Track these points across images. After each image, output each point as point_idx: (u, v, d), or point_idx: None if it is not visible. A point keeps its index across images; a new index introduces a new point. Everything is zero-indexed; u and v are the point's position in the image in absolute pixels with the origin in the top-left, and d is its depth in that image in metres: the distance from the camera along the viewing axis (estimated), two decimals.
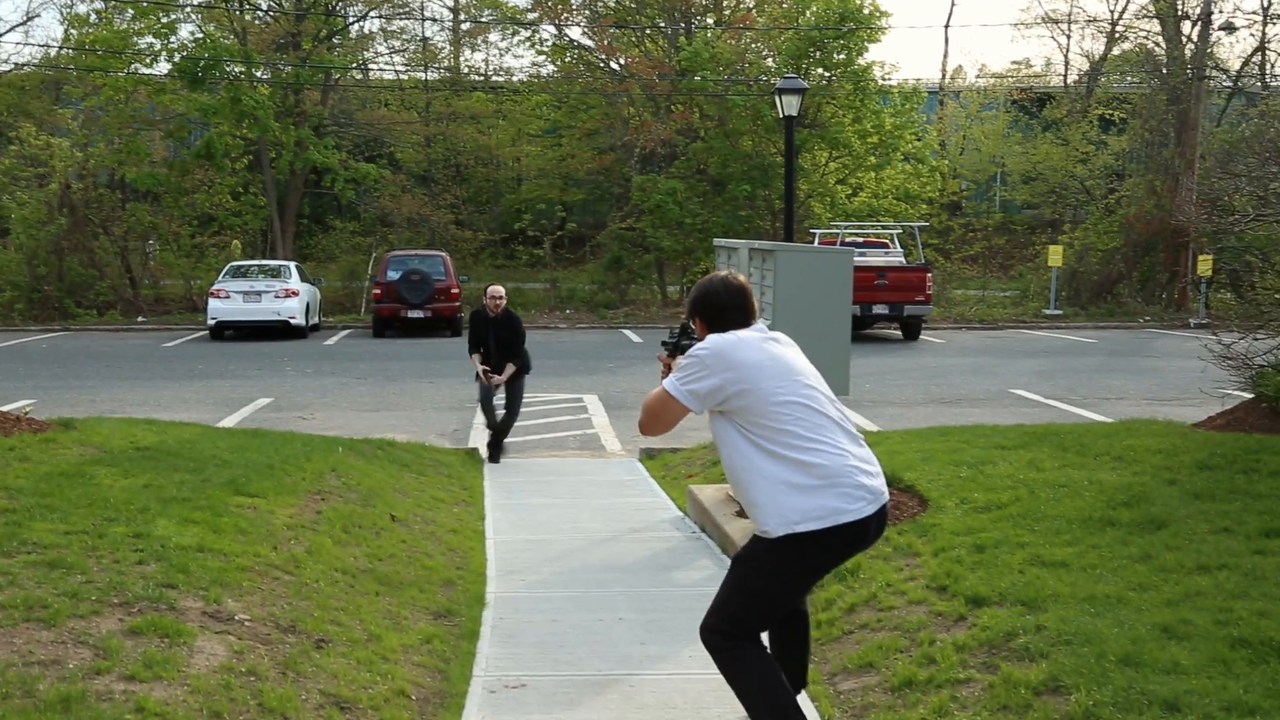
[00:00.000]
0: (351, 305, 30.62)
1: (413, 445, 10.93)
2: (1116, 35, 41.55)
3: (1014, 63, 59.78)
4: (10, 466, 6.90)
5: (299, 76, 31.69)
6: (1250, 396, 9.46)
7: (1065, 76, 45.54)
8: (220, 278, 25.27)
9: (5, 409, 9.43)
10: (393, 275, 24.97)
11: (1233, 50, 39.20)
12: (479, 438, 12.40)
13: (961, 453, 8.95)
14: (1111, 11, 48.02)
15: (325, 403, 15.14)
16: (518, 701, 4.86)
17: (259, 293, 24.08)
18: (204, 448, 8.38)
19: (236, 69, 30.34)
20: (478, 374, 11.46)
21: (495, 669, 5.26)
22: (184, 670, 4.29)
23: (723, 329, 4.06)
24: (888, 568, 6.37)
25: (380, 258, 28.48)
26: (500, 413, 11.53)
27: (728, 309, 4.07)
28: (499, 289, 11.60)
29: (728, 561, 7.31)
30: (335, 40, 34.38)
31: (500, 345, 11.43)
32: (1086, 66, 43.36)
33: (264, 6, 33.62)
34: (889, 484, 7.92)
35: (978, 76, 47.00)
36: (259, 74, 31.74)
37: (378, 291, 25.15)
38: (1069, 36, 51.01)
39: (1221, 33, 29.97)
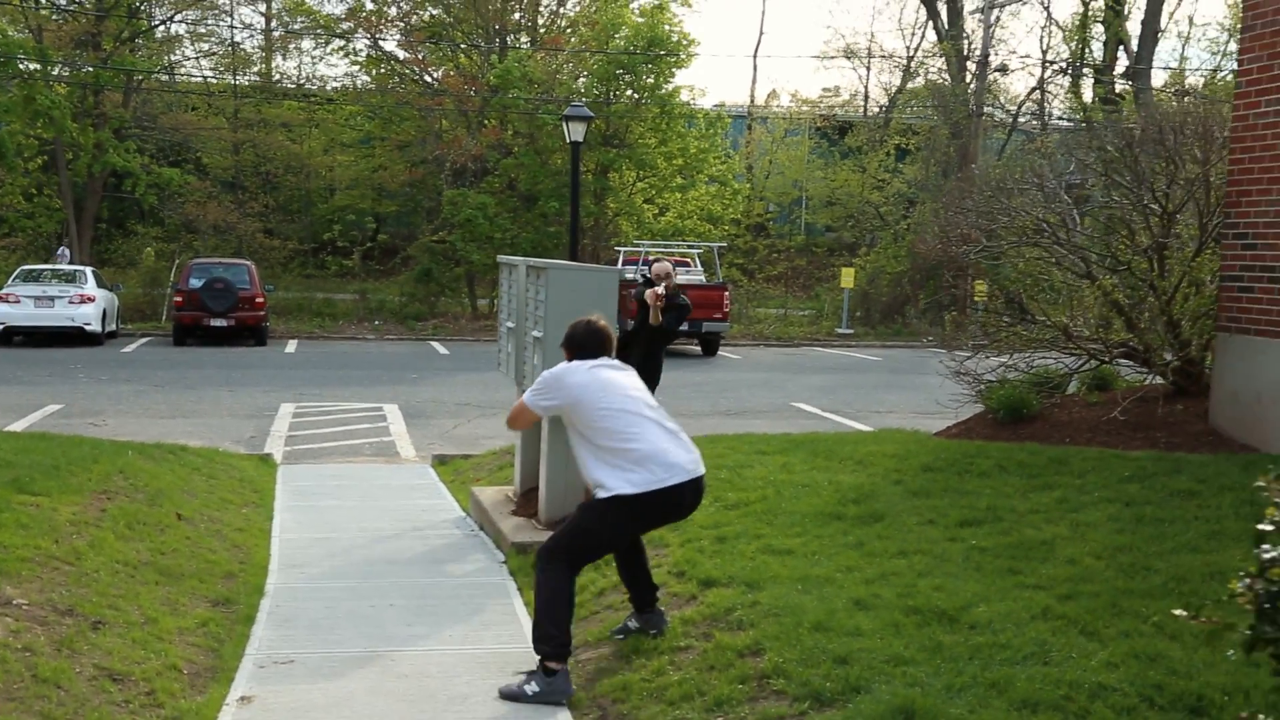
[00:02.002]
0: (153, 313, 30.00)
1: (205, 450, 11.13)
2: (911, 70, 44.05)
3: (825, 89, 62.49)
4: None
5: (99, 77, 30.92)
6: (981, 409, 10.54)
7: (865, 107, 47.92)
8: (10, 281, 24.49)
9: None
10: (195, 283, 24.67)
11: (1013, 90, 41.77)
12: (274, 444, 12.65)
13: (725, 458, 9.74)
14: (907, 47, 50.76)
15: (119, 410, 15.08)
16: (285, 674, 5.33)
17: (52, 298, 23.47)
18: None
19: (31, 66, 29.43)
20: None
21: (267, 648, 5.71)
22: None
23: (580, 358, 5.55)
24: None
25: (183, 265, 28.04)
26: None
27: (584, 345, 5.58)
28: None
29: (500, 555, 7.90)
30: (139, 42, 33.62)
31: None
32: (884, 98, 45.81)
33: (62, 3, 32.65)
34: None
35: (790, 102, 48.85)
36: (56, 72, 30.84)
37: (179, 299, 24.80)
38: (869, 69, 53.61)
39: (998, 74, 32.07)
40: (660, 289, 9.04)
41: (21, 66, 28.96)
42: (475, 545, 8.25)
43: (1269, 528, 2.33)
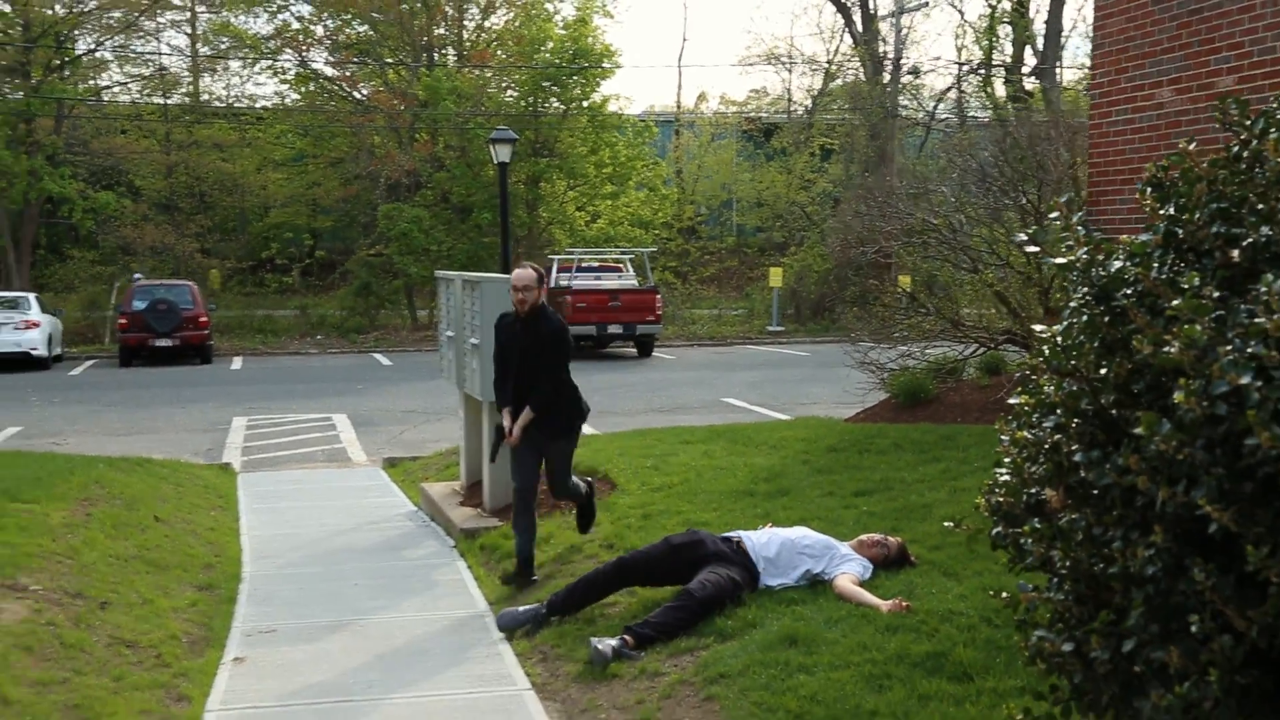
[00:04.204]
0: (95, 336, 30.40)
1: (169, 461, 11.88)
2: (831, 72, 45.34)
3: (753, 91, 63.70)
4: None
5: (30, 105, 31.25)
6: (886, 395, 11.59)
7: (789, 109, 49.17)
8: None
9: None
10: (139, 305, 25.19)
11: (936, 87, 43.20)
12: (231, 455, 13.40)
13: (653, 448, 10.70)
14: (827, 50, 52.13)
15: (77, 430, 15.71)
16: (269, 640, 6.19)
17: None
18: None
19: None
20: (501, 426, 7.41)
21: (250, 621, 6.57)
22: None
23: None
24: (574, 535, 7.96)
25: (125, 287, 28.49)
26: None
27: None
28: (528, 272, 7.29)
29: (450, 541, 8.78)
30: (66, 70, 33.95)
31: (526, 363, 7.29)
32: (808, 100, 47.09)
33: None
34: (592, 476, 9.65)
35: (718, 104, 49.93)
36: None
37: (123, 321, 25.31)
38: (790, 72, 54.90)
39: (910, 76, 33.38)
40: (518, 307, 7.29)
41: None
42: (427, 534, 9.12)
43: (1005, 459, 3.30)
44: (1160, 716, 2.38)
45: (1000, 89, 40.68)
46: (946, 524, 3.82)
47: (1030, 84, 38.65)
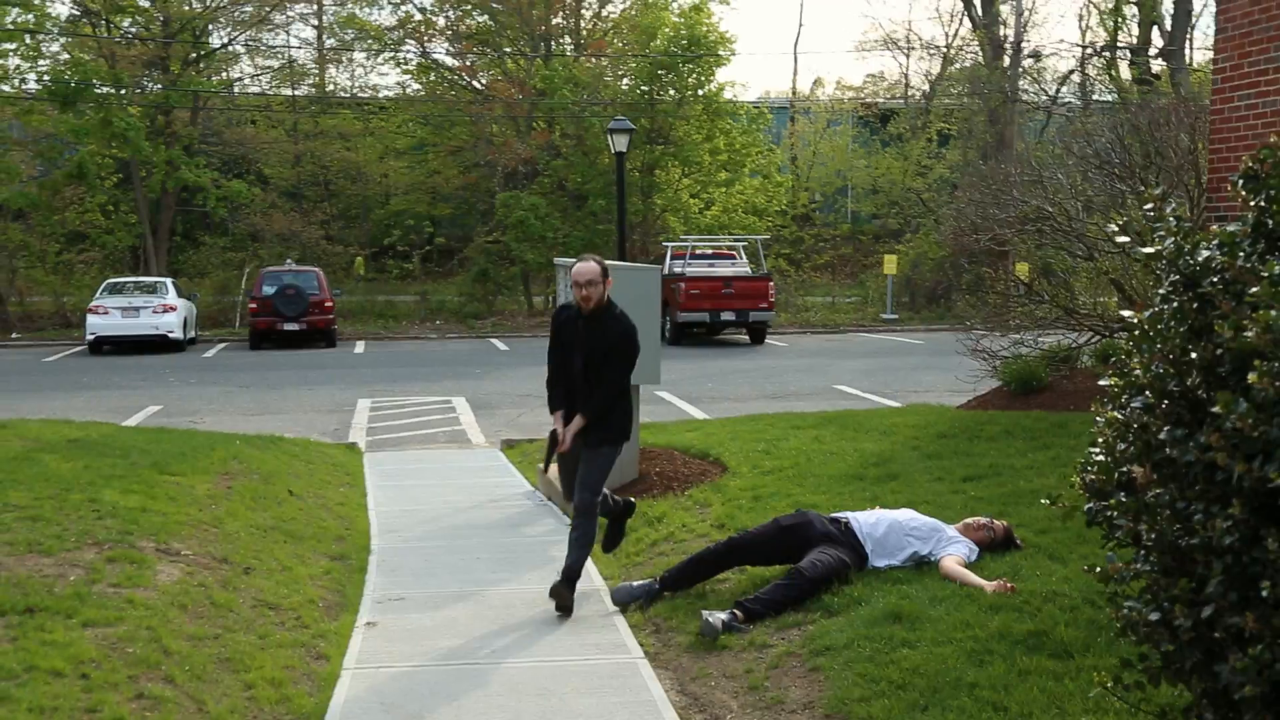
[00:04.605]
0: (225, 319, 31.60)
1: (300, 440, 12.45)
2: (950, 56, 44.74)
3: (869, 75, 63.12)
4: None
5: (169, 98, 32.56)
6: (998, 383, 11.60)
7: (905, 94, 48.65)
8: (98, 294, 26.12)
9: None
10: (268, 290, 26.16)
11: (1054, 73, 42.29)
12: (357, 435, 13.95)
13: (764, 433, 10.90)
14: (946, 33, 51.31)
15: (212, 409, 16.46)
16: (398, 607, 6.57)
17: (137, 308, 25.05)
18: (123, 440, 9.85)
19: (106, 90, 31.09)
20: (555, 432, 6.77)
21: (381, 590, 6.95)
22: (153, 582, 5.91)
23: None
24: (686, 515, 8.22)
25: (255, 273, 29.57)
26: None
27: None
28: (591, 265, 6.66)
29: (567, 520, 9.09)
30: (202, 65, 35.26)
31: (588, 365, 6.65)
32: (925, 85, 46.53)
33: (131, 29, 34.31)
34: (702, 459, 9.87)
35: (835, 89, 49.61)
36: (128, 95, 32.51)
37: (254, 305, 26.31)
38: (908, 57, 54.25)
39: (1030, 59, 32.82)
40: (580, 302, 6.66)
41: (98, 91, 30.63)
42: (545, 513, 9.45)
43: (1099, 439, 3.45)
44: (1237, 679, 2.53)
45: (1125, 72, 39.79)
46: (1043, 501, 3.97)
47: (1157, 66, 37.71)
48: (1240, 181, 3.02)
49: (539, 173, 33.88)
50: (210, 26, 35.52)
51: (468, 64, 37.33)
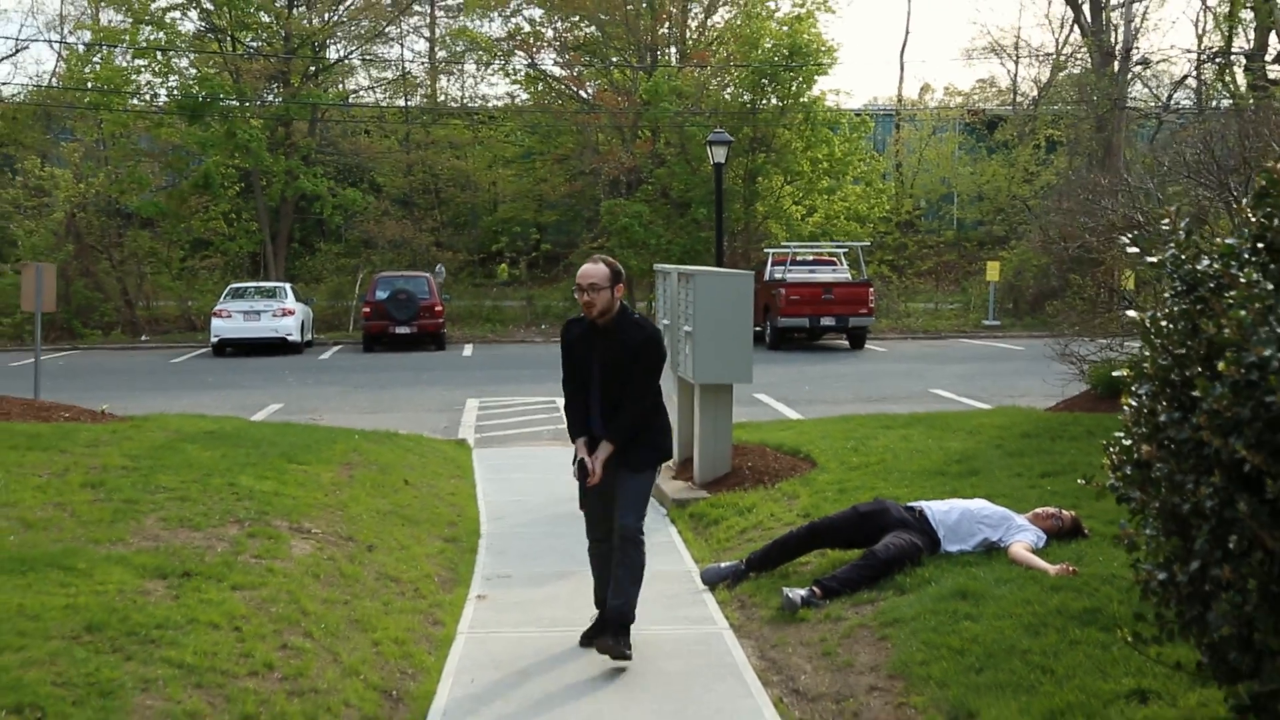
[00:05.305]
0: (339, 323, 32.84)
1: (413, 436, 13.18)
2: (1059, 62, 44.36)
3: (980, 81, 62.67)
4: (120, 444, 9.17)
5: (289, 110, 33.97)
6: (1086, 387, 11.87)
7: (1014, 101, 48.30)
8: (221, 299, 27.45)
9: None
10: (381, 294, 27.19)
11: (1169, 79, 41.65)
12: (466, 432, 14.66)
13: (854, 432, 11.33)
14: (1056, 40, 50.73)
15: (330, 407, 17.35)
16: (506, 583, 7.19)
17: (258, 312, 26.27)
18: (253, 432, 10.68)
19: (231, 103, 32.57)
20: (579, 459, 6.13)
21: (490, 568, 7.58)
22: (289, 554, 6.60)
23: None
24: (775, 505, 8.71)
25: (368, 278, 30.71)
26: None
27: None
28: (598, 267, 5.95)
29: (664, 509, 9.64)
30: (320, 78, 36.67)
31: (608, 382, 6.05)
32: (1034, 91, 46.18)
33: (254, 45, 35.84)
34: (793, 455, 10.33)
35: (944, 94, 49.50)
36: (250, 108, 34.01)
37: (367, 309, 27.37)
38: (1016, 63, 53.81)
39: (1139, 66, 32.52)
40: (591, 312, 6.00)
41: (223, 104, 32.12)
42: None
43: (1123, 424, 3.89)
44: (1219, 623, 2.98)
45: (1241, 79, 39.03)
46: (1080, 481, 4.40)
47: (1275, 72, 36.95)
48: (1245, 199, 3.45)
49: (643, 180, 34.55)
50: (328, 41, 36.93)
51: (575, 74, 38.16)
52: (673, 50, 38.36)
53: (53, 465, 8.13)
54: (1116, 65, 35.30)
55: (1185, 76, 40.23)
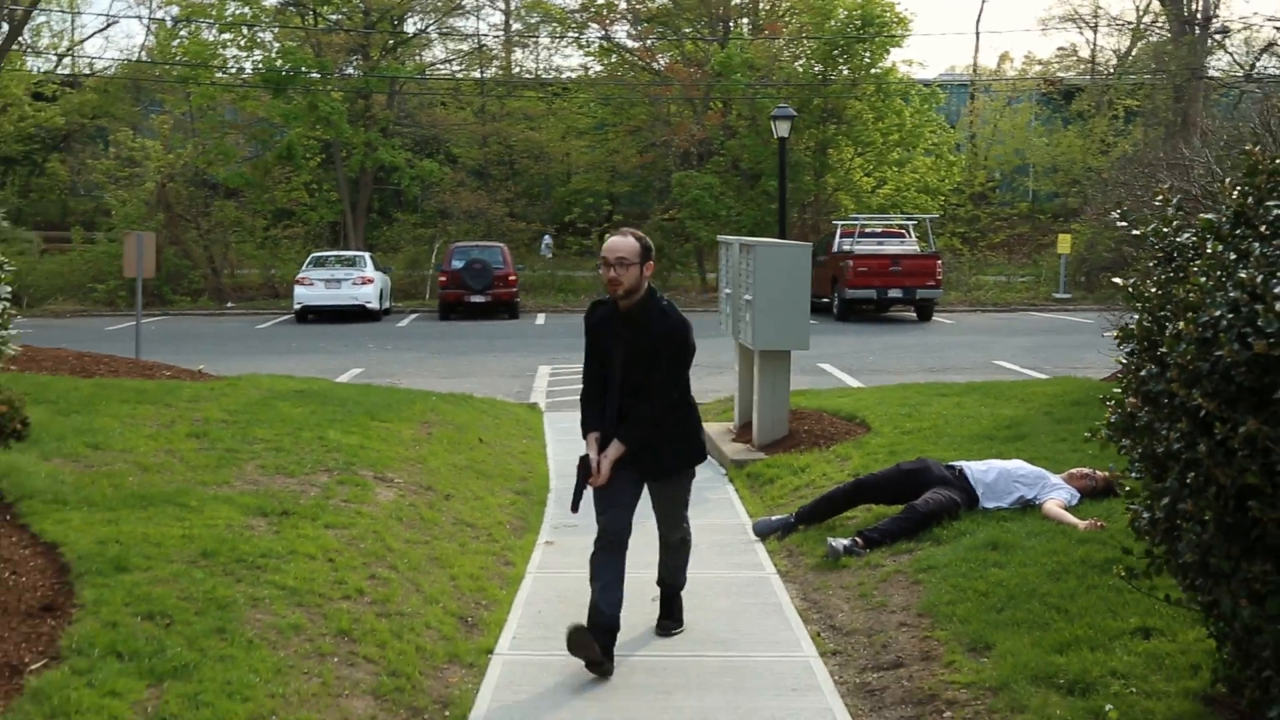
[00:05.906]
0: (416, 291, 33.68)
1: (487, 399, 13.82)
2: (1138, 31, 43.76)
3: (1060, 49, 61.73)
4: (218, 400, 9.88)
5: (368, 83, 34.79)
6: None
7: (1092, 71, 47.75)
8: (304, 267, 28.38)
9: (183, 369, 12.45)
10: (457, 264, 27.91)
11: (1248, 49, 40.90)
12: (538, 396, 15.26)
13: (910, 399, 11.73)
14: (1137, 8, 49.82)
15: (408, 372, 18.06)
16: (572, 531, 7.74)
17: (339, 280, 27.14)
18: (339, 392, 11.36)
19: (313, 76, 33.45)
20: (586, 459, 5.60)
21: (557, 519, 8.15)
22: (374, 500, 7.22)
23: None
24: (828, 466, 9.17)
25: (444, 248, 31.48)
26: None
27: None
28: (627, 240, 5.31)
29: (723, 470, 10.15)
30: (398, 51, 37.44)
31: (630, 373, 5.43)
32: (1112, 61, 45.59)
33: (335, 18, 36.69)
34: (849, 420, 10.75)
35: (1022, 62, 49.02)
36: (332, 81, 34.89)
37: (443, 278, 28.10)
38: (1095, 31, 53.04)
39: (1218, 35, 32.14)
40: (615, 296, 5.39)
41: (305, 77, 33.01)
42: (704, 465, 10.50)
43: (1120, 380, 4.31)
44: (1184, 552, 3.43)
45: None
46: (1085, 435, 4.83)
47: None
48: (1231, 180, 3.86)
49: (714, 152, 34.88)
50: (406, 15, 37.67)
51: (647, 46, 38.53)
52: (745, 22, 38.56)
53: (160, 418, 8.84)
54: (1196, 33, 34.87)
55: (1271, 44, 39.61)
